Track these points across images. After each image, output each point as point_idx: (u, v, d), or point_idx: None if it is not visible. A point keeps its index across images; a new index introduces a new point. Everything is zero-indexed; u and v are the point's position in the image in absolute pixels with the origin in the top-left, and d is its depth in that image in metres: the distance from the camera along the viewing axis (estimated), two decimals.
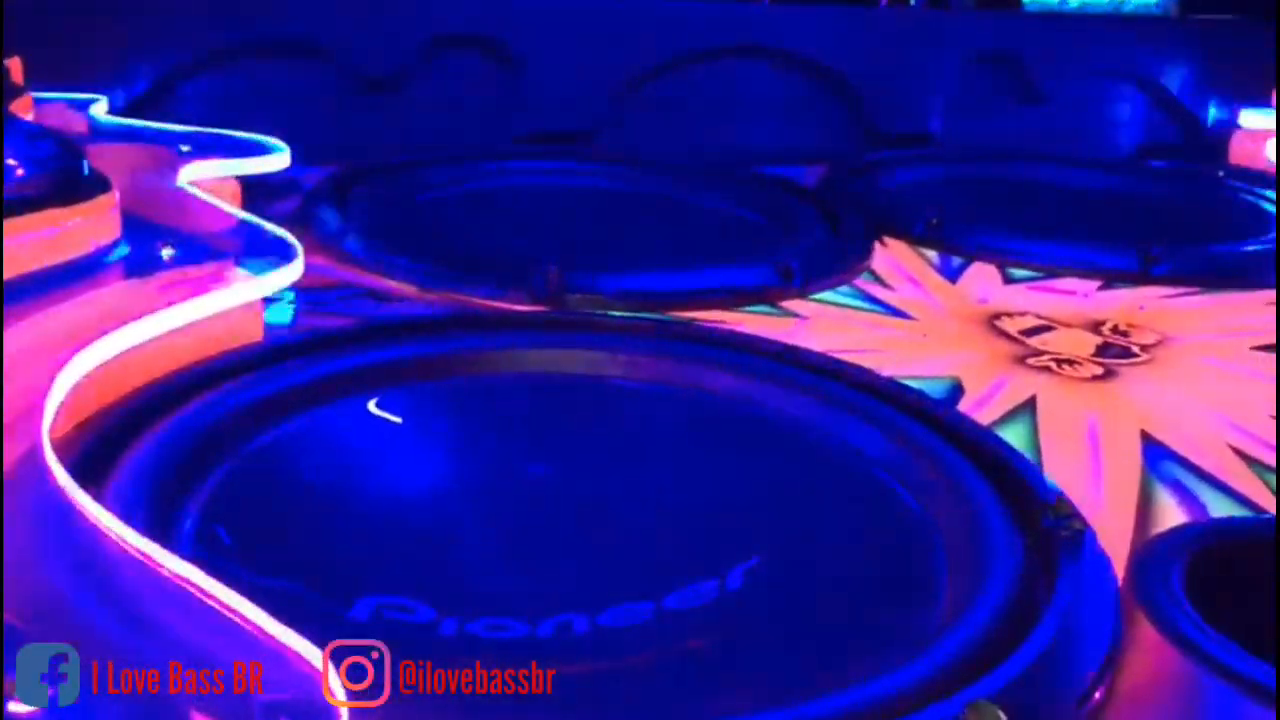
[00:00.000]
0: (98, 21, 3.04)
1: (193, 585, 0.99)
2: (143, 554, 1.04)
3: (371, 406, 1.70)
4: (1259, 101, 3.88)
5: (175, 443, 1.45)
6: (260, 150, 2.63)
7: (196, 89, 3.19)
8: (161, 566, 1.02)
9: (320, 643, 1.09)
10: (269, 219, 2.62)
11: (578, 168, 3.15)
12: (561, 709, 1.14)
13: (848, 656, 1.30)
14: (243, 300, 1.75)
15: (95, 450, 1.42)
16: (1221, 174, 3.68)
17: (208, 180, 2.41)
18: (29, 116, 2.53)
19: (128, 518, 1.20)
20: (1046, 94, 3.97)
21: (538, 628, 1.46)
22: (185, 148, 2.53)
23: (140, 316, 1.58)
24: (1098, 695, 1.15)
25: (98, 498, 1.23)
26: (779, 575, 1.54)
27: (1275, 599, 1.28)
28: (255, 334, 1.85)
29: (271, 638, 0.91)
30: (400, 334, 1.89)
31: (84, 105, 2.88)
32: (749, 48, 3.72)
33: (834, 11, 3.93)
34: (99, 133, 2.71)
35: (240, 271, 1.82)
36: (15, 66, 2.80)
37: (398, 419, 1.70)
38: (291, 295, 2.01)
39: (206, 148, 2.57)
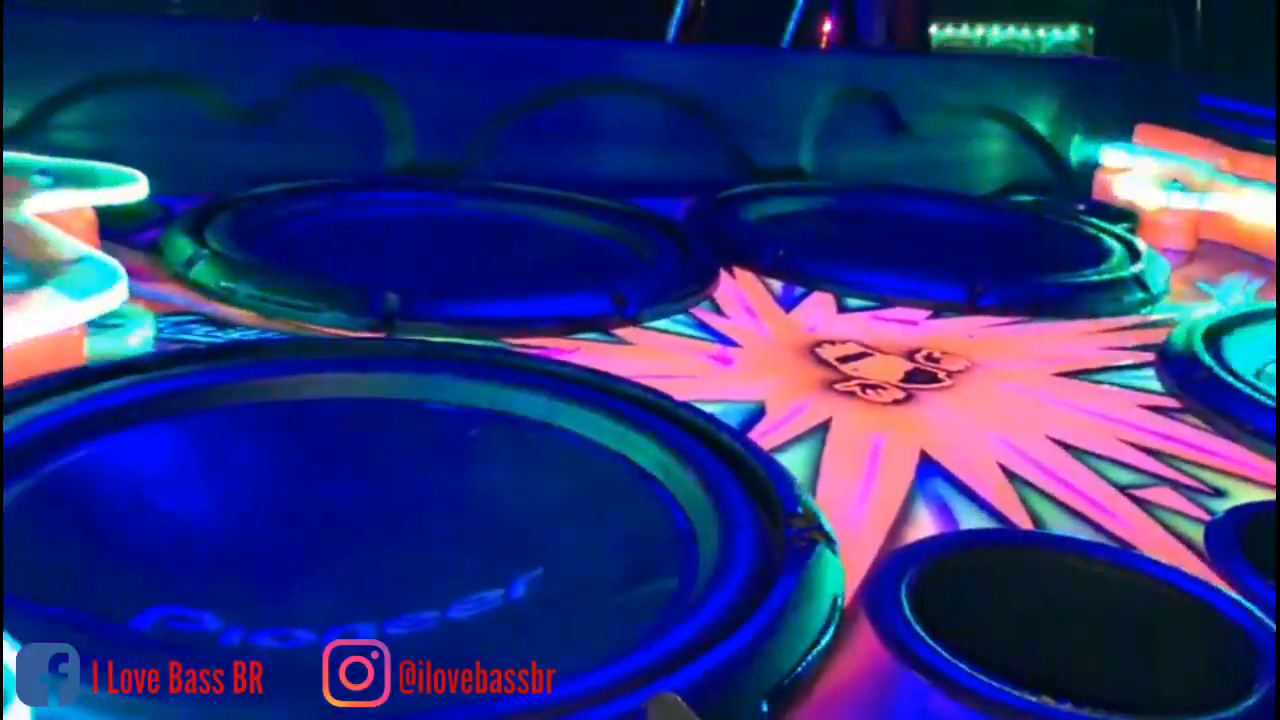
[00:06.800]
0: None
1: None
2: None
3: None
4: (1120, 139, 4.06)
5: None
6: (118, 181, 2.69)
7: (70, 120, 3.24)
8: None
9: (102, 651, 1.17)
10: (131, 248, 2.70)
11: (441, 198, 3.23)
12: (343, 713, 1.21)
13: (603, 659, 1.38)
14: (53, 326, 1.81)
15: None
16: (1081, 208, 3.85)
17: (62, 211, 2.47)
18: None
19: None
20: (915, 131, 4.12)
21: (324, 637, 1.54)
22: (41, 179, 2.58)
23: None
24: (787, 686, 1.25)
25: None
26: (557, 584, 1.63)
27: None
28: (77, 360, 1.91)
29: None
30: (216, 359, 1.96)
31: None
32: (626, 83, 3.82)
33: (706, 50, 4.08)
34: None
35: (59, 298, 1.88)
36: None
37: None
38: (123, 322, 2.07)
39: (65, 178, 2.62)
